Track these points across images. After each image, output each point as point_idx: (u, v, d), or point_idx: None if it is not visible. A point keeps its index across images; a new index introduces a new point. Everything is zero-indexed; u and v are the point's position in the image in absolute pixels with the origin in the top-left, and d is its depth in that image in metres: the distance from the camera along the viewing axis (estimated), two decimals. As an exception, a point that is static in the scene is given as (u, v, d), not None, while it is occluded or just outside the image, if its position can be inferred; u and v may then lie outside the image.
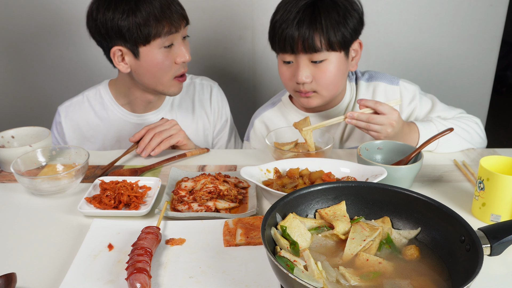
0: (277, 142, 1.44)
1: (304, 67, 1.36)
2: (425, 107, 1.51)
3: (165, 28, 1.38)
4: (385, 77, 1.56)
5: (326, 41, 1.32)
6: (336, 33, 1.32)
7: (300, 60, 1.36)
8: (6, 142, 1.42)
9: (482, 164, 1.05)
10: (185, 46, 1.47)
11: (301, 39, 1.32)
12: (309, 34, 1.31)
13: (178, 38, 1.44)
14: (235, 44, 2.13)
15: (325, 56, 1.35)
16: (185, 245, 0.98)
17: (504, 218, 1.04)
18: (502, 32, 2.19)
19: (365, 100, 1.28)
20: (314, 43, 1.32)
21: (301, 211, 0.93)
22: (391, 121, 1.26)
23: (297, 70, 1.37)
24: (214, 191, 1.15)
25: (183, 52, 1.45)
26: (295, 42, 1.33)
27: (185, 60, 1.46)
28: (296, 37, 1.32)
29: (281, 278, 0.74)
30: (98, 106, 1.63)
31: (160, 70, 1.44)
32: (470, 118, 1.48)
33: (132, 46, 1.41)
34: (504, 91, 4.61)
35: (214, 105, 1.73)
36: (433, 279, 0.79)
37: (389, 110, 1.26)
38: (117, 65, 1.45)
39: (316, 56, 1.34)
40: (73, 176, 1.21)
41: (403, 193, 0.91)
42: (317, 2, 1.34)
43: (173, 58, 1.45)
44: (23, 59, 2.21)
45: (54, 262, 0.94)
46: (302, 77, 1.36)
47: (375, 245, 0.86)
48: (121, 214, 1.09)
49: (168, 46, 1.42)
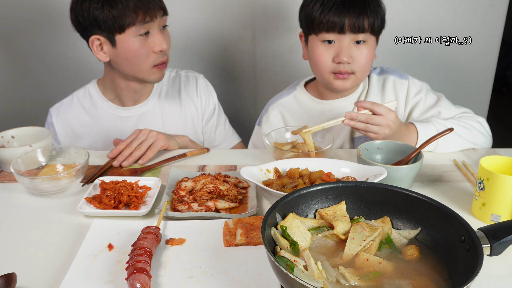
0: (277, 142, 1.44)
1: (349, 47, 1.41)
2: (429, 101, 1.54)
3: (139, 16, 1.40)
4: (395, 72, 1.61)
5: (372, 23, 1.40)
6: (377, 18, 1.42)
7: (344, 40, 1.41)
8: (6, 142, 1.42)
9: (482, 164, 1.05)
10: (163, 35, 1.48)
11: (352, 20, 1.38)
12: (361, 16, 1.38)
13: (155, 27, 1.45)
14: (235, 44, 2.13)
15: (366, 37, 1.42)
16: (185, 245, 0.98)
17: (504, 218, 1.04)
18: (502, 32, 2.19)
19: (362, 102, 1.29)
20: (363, 24, 1.38)
21: (301, 211, 0.93)
22: (389, 121, 1.28)
23: (340, 50, 1.41)
24: (214, 191, 1.15)
25: (160, 41, 1.45)
26: (346, 23, 1.38)
27: (162, 49, 1.46)
28: (348, 18, 1.37)
29: (281, 278, 0.74)
30: (87, 104, 1.66)
31: (136, 58, 1.46)
32: (473, 118, 1.48)
33: (108, 35, 1.44)
34: (504, 91, 4.61)
35: (201, 94, 1.74)
36: (433, 279, 0.79)
37: (386, 111, 1.28)
38: (96, 54, 1.49)
39: (361, 37, 1.41)
40: (73, 176, 1.21)
41: (403, 193, 0.91)
42: None
43: (150, 47, 1.46)
44: (23, 59, 2.21)
45: (54, 262, 0.94)
46: (346, 57, 1.41)
47: (375, 245, 0.86)
48: (121, 214, 1.09)
49: (144, 34, 1.44)
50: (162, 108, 1.68)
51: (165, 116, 1.69)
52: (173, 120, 1.56)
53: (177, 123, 1.69)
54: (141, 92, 1.65)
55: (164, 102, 1.69)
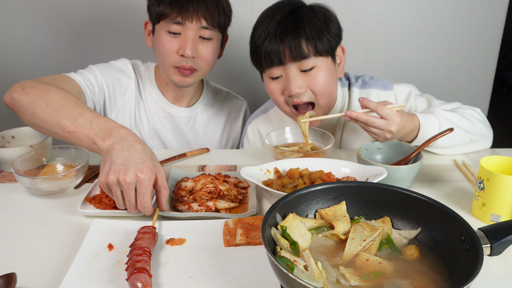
0: (276, 143, 1.44)
1: (295, 77, 1.34)
2: (420, 106, 1.48)
3: (173, 13, 1.40)
4: (378, 83, 1.53)
5: (313, 47, 1.32)
6: (322, 38, 1.33)
7: (289, 71, 1.35)
8: (6, 142, 1.42)
9: (482, 164, 1.05)
10: (197, 44, 1.45)
11: (288, 48, 1.31)
12: (296, 41, 1.31)
13: (188, 31, 1.42)
14: (235, 44, 2.12)
15: (314, 62, 1.34)
16: (185, 245, 0.98)
17: (504, 218, 1.04)
18: (502, 32, 2.19)
19: (367, 101, 1.21)
20: (301, 50, 1.31)
21: (301, 211, 0.93)
22: (390, 128, 1.20)
23: (288, 82, 1.35)
24: (214, 191, 1.15)
25: (185, 45, 1.43)
26: (282, 52, 1.32)
27: (184, 54, 1.43)
28: (283, 47, 1.32)
29: (281, 278, 0.74)
30: (142, 79, 1.65)
31: (160, 52, 1.47)
32: (468, 108, 1.44)
33: (153, 22, 1.49)
34: (504, 91, 4.61)
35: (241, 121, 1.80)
36: (433, 279, 0.79)
37: (391, 115, 1.20)
38: (146, 38, 1.55)
39: (305, 64, 1.33)
40: (73, 176, 1.21)
41: (403, 193, 0.91)
42: (295, 11, 1.35)
43: (175, 47, 1.45)
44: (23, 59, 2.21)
45: (54, 262, 0.94)
46: (295, 88, 1.34)
47: (375, 245, 0.86)
48: (121, 214, 1.09)
49: (174, 33, 1.43)
50: (204, 120, 1.71)
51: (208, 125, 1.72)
52: (212, 132, 1.63)
53: (214, 134, 1.73)
54: (181, 94, 1.63)
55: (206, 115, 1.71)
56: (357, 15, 2.10)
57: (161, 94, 1.63)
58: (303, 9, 1.37)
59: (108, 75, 1.55)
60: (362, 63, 2.20)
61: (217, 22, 1.44)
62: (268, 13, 1.38)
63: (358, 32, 2.13)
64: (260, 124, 1.63)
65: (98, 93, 1.51)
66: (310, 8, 1.38)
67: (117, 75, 1.58)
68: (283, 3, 1.39)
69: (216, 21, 1.43)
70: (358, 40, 2.15)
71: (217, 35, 1.49)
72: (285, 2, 1.40)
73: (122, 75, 1.59)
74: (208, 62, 1.49)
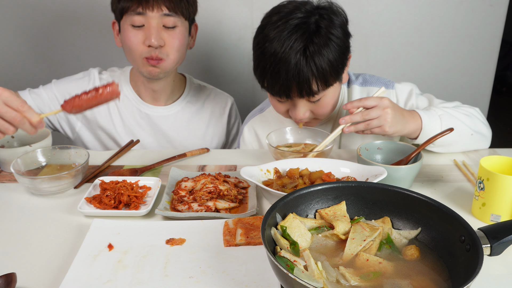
0: (277, 143, 1.44)
1: (301, 107, 1.33)
2: (421, 106, 1.48)
3: (133, 5, 1.42)
4: (379, 81, 1.52)
5: (323, 84, 1.27)
6: (332, 72, 1.26)
7: (296, 101, 1.32)
8: (6, 142, 1.42)
9: (482, 164, 1.05)
10: (162, 33, 1.45)
11: (296, 87, 1.25)
12: (306, 84, 1.25)
13: (152, 21, 1.43)
14: (234, 44, 2.12)
15: (322, 93, 1.31)
16: (185, 245, 0.98)
17: (504, 218, 1.04)
18: (502, 32, 2.19)
19: (350, 104, 1.23)
20: (311, 89, 1.26)
21: (301, 211, 0.93)
22: (385, 107, 1.21)
23: (294, 109, 1.35)
24: (214, 191, 1.15)
25: (149, 35, 1.43)
26: (291, 90, 1.27)
27: (150, 44, 1.43)
28: (292, 86, 1.26)
29: (281, 278, 0.74)
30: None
31: (127, 46, 1.48)
32: (468, 107, 1.43)
33: (117, 19, 1.50)
34: (504, 91, 4.62)
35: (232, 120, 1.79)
36: (433, 279, 0.79)
37: (377, 100, 1.22)
38: (115, 38, 1.55)
39: (313, 98, 1.30)
40: (73, 176, 1.21)
41: (403, 193, 0.91)
42: (312, 37, 1.22)
43: (141, 39, 1.46)
44: (23, 58, 2.21)
45: (54, 262, 0.94)
46: (300, 116, 1.34)
47: (375, 245, 0.86)
48: (121, 214, 1.09)
49: (138, 26, 1.44)
50: (186, 116, 1.70)
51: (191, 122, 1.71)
52: (195, 131, 1.63)
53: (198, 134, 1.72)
54: (158, 92, 1.63)
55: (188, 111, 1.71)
56: (357, 15, 2.10)
57: (137, 95, 1.64)
58: (320, 38, 1.23)
59: (64, 87, 1.61)
60: (362, 63, 2.20)
61: (180, 9, 1.44)
62: (280, 27, 1.24)
63: (358, 32, 2.13)
64: (257, 124, 1.62)
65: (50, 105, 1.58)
66: (327, 30, 1.24)
67: (73, 84, 1.62)
68: (298, 10, 1.26)
69: (178, 7, 1.44)
70: (358, 40, 2.15)
71: (183, 23, 1.49)
72: (300, 10, 1.26)
73: (84, 83, 1.62)
74: (177, 49, 1.49)
